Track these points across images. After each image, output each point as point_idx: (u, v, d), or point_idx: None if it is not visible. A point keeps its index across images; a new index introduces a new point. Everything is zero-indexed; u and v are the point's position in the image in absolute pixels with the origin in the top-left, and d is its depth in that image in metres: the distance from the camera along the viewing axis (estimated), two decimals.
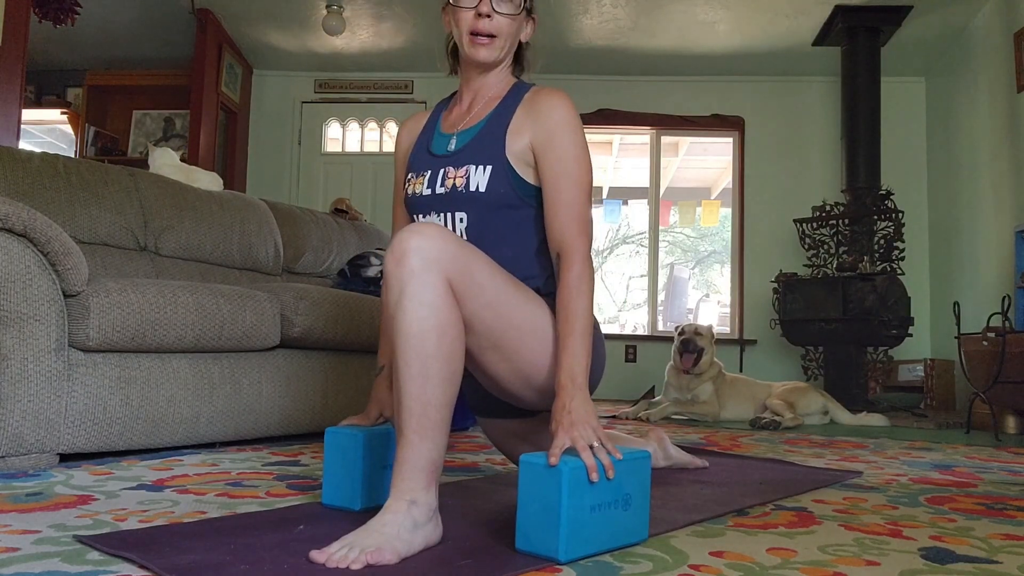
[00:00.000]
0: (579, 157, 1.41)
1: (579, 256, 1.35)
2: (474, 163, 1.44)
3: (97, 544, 1.14)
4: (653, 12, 5.19)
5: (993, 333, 3.42)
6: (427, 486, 1.19)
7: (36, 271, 1.84)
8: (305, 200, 6.05)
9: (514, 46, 1.49)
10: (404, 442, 1.19)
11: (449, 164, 1.47)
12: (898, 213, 4.93)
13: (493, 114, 1.48)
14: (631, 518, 1.22)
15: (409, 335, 1.18)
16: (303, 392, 2.55)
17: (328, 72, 6.30)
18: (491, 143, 1.45)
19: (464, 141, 1.48)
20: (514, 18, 1.44)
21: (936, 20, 5.17)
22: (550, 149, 1.40)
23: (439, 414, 1.20)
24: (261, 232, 3.32)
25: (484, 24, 1.41)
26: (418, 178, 1.51)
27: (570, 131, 1.41)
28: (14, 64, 3.86)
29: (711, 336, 4.10)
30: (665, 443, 2.01)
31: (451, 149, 1.49)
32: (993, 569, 1.15)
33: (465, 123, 1.50)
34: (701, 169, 8.30)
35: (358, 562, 1.06)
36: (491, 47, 1.43)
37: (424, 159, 1.53)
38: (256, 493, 1.62)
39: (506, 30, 1.43)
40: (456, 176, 1.45)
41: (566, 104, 1.43)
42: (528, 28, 1.52)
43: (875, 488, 1.87)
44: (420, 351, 1.18)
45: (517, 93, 1.49)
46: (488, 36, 1.42)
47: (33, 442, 1.83)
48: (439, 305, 1.20)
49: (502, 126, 1.45)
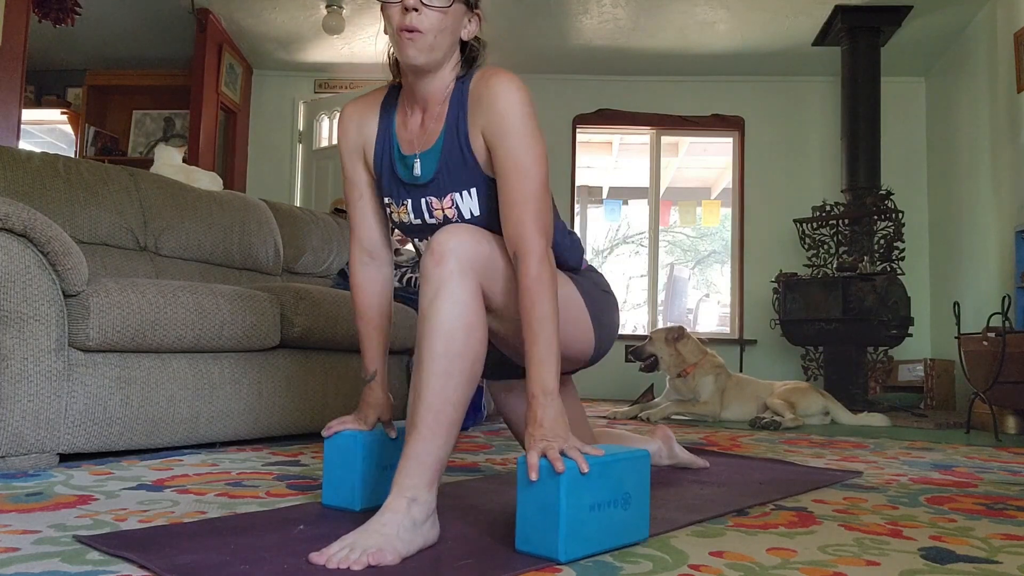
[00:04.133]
0: (530, 147, 1.30)
1: (535, 256, 1.25)
2: (456, 190, 1.38)
3: (97, 544, 1.14)
4: (653, 12, 5.19)
5: (993, 333, 3.42)
6: (430, 484, 1.19)
7: (36, 271, 1.84)
8: (305, 200, 6.05)
9: (451, 45, 1.35)
10: (416, 436, 1.19)
11: (429, 194, 1.40)
12: (898, 213, 4.93)
13: (446, 129, 1.38)
14: (631, 517, 1.22)
15: (440, 332, 1.20)
16: (303, 392, 2.55)
17: (328, 72, 6.30)
18: (462, 164, 1.37)
19: (431, 164, 1.39)
20: (445, 11, 1.30)
21: (936, 20, 5.17)
22: (499, 142, 1.31)
23: (456, 413, 1.21)
24: (261, 232, 3.32)
25: (411, 19, 1.28)
26: (400, 207, 1.45)
27: (518, 119, 1.30)
28: (14, 64, 3.86)
29: (665, 338, 4.11)
30: (671, 441, 2.01)
31: (418, 175, 1.40)
32: (993, 569, 1.15)
33: (424, 141, 1.40)
34: (701, 169, 8.31)
35: (359, 563, 1.06)
36: (420, 43, 1.29)
37: (396, 186, 1.45)
38: (256, 493, 1.62)
39: (436, 25, 1.30)
40: (444, 207, 1.40)
41: (510, 88, 1.31)
42: (472, 25, 1.38)
43: (875, 488, 1.87)
44: (448, 348, 1.20)
45: (460, 92, 1.38)
46: (419, 32, 1.29)
47: (33, 442, 1.83)
48: (472, 307, 1.23)
49: (463, 139, 1.36)
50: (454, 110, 1.38)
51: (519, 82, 1.34)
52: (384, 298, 1.54)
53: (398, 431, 1.52)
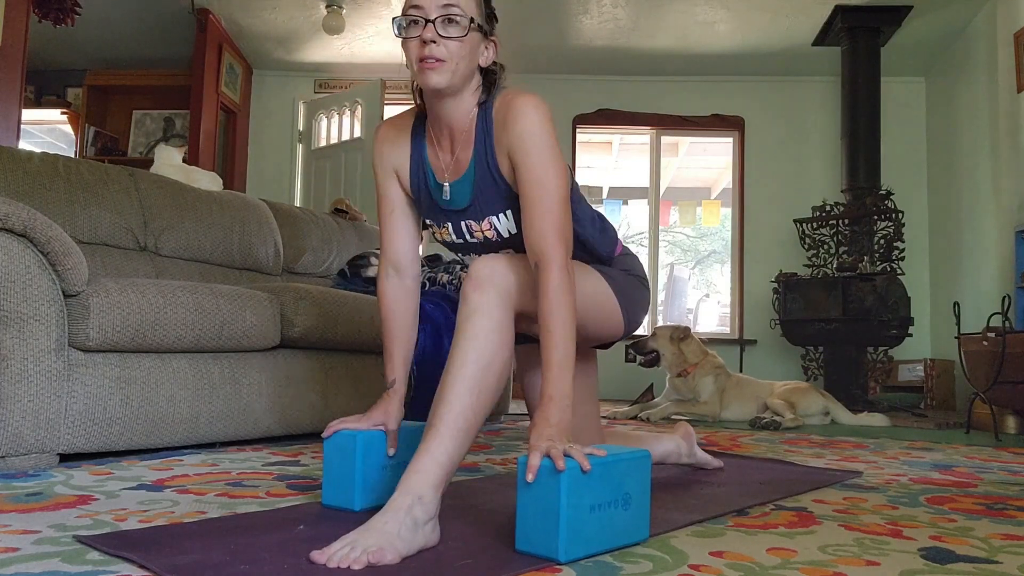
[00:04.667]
0: (549, 163, 1.37)
1: (556, 265, 1.31)
2: (492, 214, 1.47)
3: (97, 544, 1.14)
4: (653, 12, 5.20)
5: (993, 333, 3.42)
6: (437, 485, 1.20)
7: (36, 271, 1.84)
8: (305, 200, 6.05)
9: (470, 71, 1.41)
10: (434, 435, 1.22)
11: (468, 218, 1.50)
12: (898, 213, 4.93)
13: (475, 157, 1.44)
14: (631, 518, 1.22)
15: (474, 342, 1.28)
16: (303, 392, 2.55)
17: (328, 72, 6.30)
18: (495, 188, 1.44)
19: (465, 192, 1.47)
20: (462, 41, 1.36)
21: (936, 20, 5.17)
22: (520, 160, 1.37)
23: (475, 420, 1.26)
24: (261, 232, 3.32)
25: (430, 49, 1.35)
26: (441, 228, 1.55)
27: (537, 137, 1.37)
28: (14, 64, 3.86)
29: (670, 336, 4.10)
30: (691, 439, 2.01)
31: (454, 203, 1.49)
32: (993, 569, 1.15)
33: (454, 171, 1.47)
34: (701, 169, 8.31)
35: (359, 562, 1.07)
36: (440, 70, 1.35)
37: (436, 212, 1.53)
38: (256, 493, 1.62)
39: (456, 53, 1.36)
40: (483, 230, 1.50)
41: (530, 109, 1.38)
42: (488, 52, 1.44)
43: (875, 488, 1.87)
44: (480, 357, 1.27)
45: (484, 118, 1.44)
46: (438, 59, 1.35)
47: (33, 442, 1.83)
48: (504, 329, 1.31)
49: (492, 165, 1.43)
50: (480, 137, 1.44)
51: (538, 101, 1.40)
52: (408, 310, 1.58)
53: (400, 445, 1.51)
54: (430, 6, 1.35)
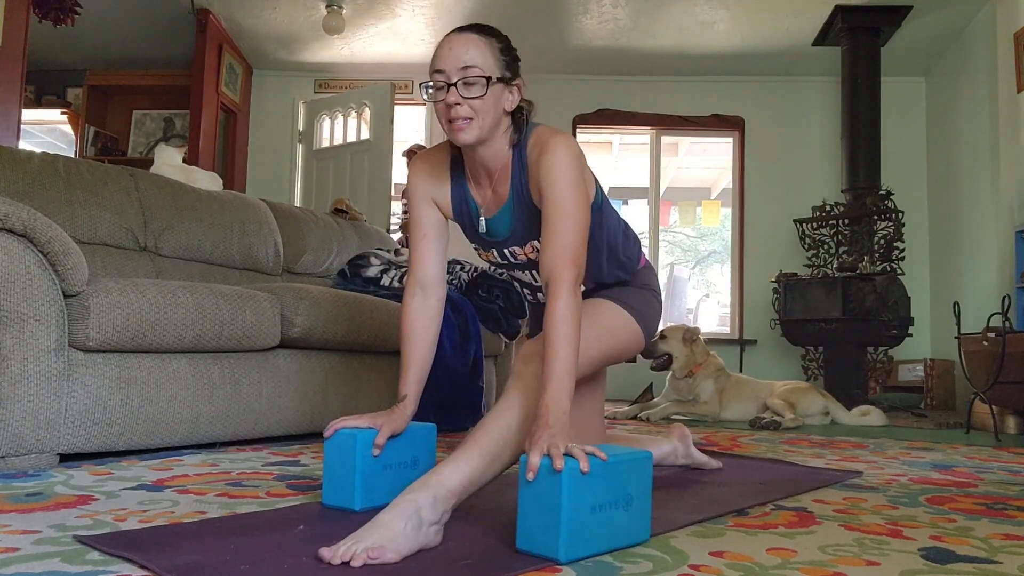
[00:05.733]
0: (571, 194, 1.44)
1: (565, 285, 1.38)
2: (534, 238, 1.57)
3: (97, 544, 1.14)
4: (653, 12, 5.20)
5: (993, 333, 3.42)
6: (453, 492, 1.23)
7: (36, 271, 1.84)
8: (305, 200, 6.04)
9: (497, 120, 1.48)
10: (464, 447, 1.30)
11: (512, 245, 1.61)
12: (898, 213, 4.93)
13: (513, 193, 1.55)
14: (632, 518, 1.22)
15: (522, 396, 1.36)
16: (303, 392, 2.55)
17: (328, 72, 6.30)
18: (533, 219, 1.54)
19: (505, 223, 1.58)
20: (483, 99, 1.44)
21: (936, 20, 5.17)
22: (546, 190, 1.45)
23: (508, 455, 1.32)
24: (261, 232, 3.32)
25: (456, 111, 1.43)
26: (487, 252, 1.68)
27: (563, 172, 1.45)
28: (14, 64, 3.86)
29: (683, 337, 4.07)
30: (687, 440, 2.04)
31: (497, 233, 1.60)
32: (993, 569, 1.15)
33: (494, 204, 1.58)
34: (701, 169, 8.31)
35: (358, 559, 1.07)
36: (469, 129, 1.45)
37: (481, 240, 1.65)
38: (256, 493, 1.62)
39: (480, 109, 1.44)
40: (527, 252, 1.62)
41: (562, 147, 1.46)
42: (512, 96, 1.50)
43: (875, 488, 1.87)
44: (525, 409, 1.34)
45: (519, 158, 1.53)
46: (465, 119, 1.44)
47: (33, 442, 1.83)
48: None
49: (527, 201, 1.53)
50: (516, 175, 1.54)
51: (567, 142, 1.48)
52: (428, 330, 1.63)
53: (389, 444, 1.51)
54: (451, 70, 1.43)
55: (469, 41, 1.45)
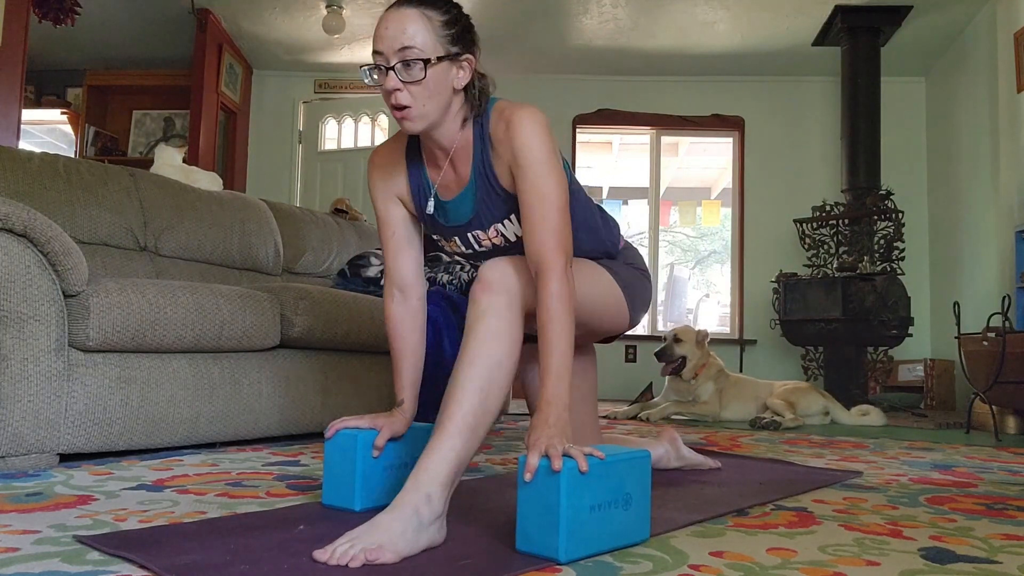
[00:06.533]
0: (549, 174, 1.38)
1: (556, 274, 1.32)
2: (497, 221, 1.50)
3: (97, 544, 1.14)
4: (653, 12, 5.19)
5: (993, 333, 3.42)
6: (445, 483, 1.21)
7: (36, 271, 1.84)
8: (305, 200, 6.04)
9: (443, 104, 1.39)
10: (443, 433, 1.23)
11: (474, 229, 1.52)
12: (898, 213, 4.93)
13: (475, 171, 1.46)
14: (631, 518, 1.22)
15: (483, 342, 1.30)
16: (303, 392, 2.55)
17: (328, 72, 6.30)
18: (497, 200, 1.47)
19: (468, 207, 1.50)
20: (422, 83, 1.34)
21: (936, 20, 5.17)
22: (520, 172, 1.39)
23: (483, 419, 1.27)
24: (261, 232, 3.32)
25: (396, 98, 1.35)
26: (449, 242, 1.58)
27: (536, 150, 1.37)
28: (14, 64, 3.86)
29: (697, 339, 4.06)
30: (677, 443, 2.02)
31: (455, 217, 1.52)
32: (993, 569, 1.15)
33: (455, 186, 1.50)
34: (701, 169, 8.31)
35: (356, 560, 1.07)
36: (411, 118, 1.36)
37: (442, 228, 1.56)
38: (256, 493, 1.62)
39: (420, 95, 1.35)
40: (491, 237, 1.53)
41: (527, 122, 1.38)
42: (463, 72, 1.40)
43: (875, 488, 1.87)
44: (488, 359, 1.29)
45: (481, 133, 1.45)
46: (407, 107, 1.35)
47: (33, 442, 1.83)
48: (513, 332, 1.33)
49: (492, 179, 1.45)
50: (478, 152, 1.46)
51: (534, 114, 1.40)
52: (414, 330, 1.60)
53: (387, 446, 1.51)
54: (388, 51, 1.33)
55: (406, 18, 1.33)
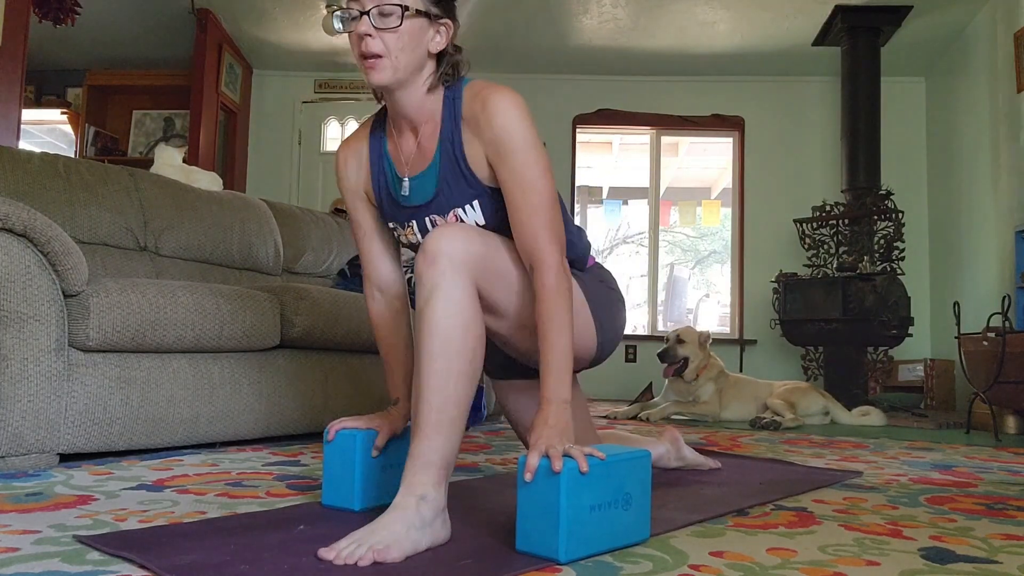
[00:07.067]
0: (535, 162, 1.32)
1: (552, 267, 1.28)
2: (458, 205, 1.39)
3: (97, 544, 1.14)
4: (653, 12, 5.19)
5: (993, 333, 3.42)
6: (438, 482, 1.20)
7: (36, 271, 1.84)
8: (305, 200, 6.04)
9: (416, 62, 1.33)
10: (420, 436, 1.21)
11: (432, 212, 1.42)
12: (898, 213, 4.93)
13: (441, 146, 1.38)
14: (632, 518, 1.22)
15: (437, 331, 1.21)
16: (303, 392, 2.55)
17: (328, 72, 6.30)
18: (461, 181, 1.38)
19: (430, 185, 1.40)
20: (397, 31, 1.29)
21: (936, 20, 5.16)
22: (503, 160, 1.32)
23: (456, 411, 1.23)
24: (261, 232, 3.32)
25: (366, 44, 1.29)
26: (406, 228, 1.47)
27: (518, 135, 1.31)
28: (14, 64, 3.86)
29: (699, 341, 4.05)
30: (679, 443, 2.00)
31: (415, 196, 1.42)
32: (993, 569, 1.15)
33: (418, 163, 1.41)
34: (701, 169, 8.30)
35: (366, 559, 1.07)
36: (380, 68, 1.30)
37: (399, 211, 1.46)
38: (256, 493, 1.62)
39: (394, 45, 1.29)
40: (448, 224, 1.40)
41: (505, 106, 1.32)
42: (440, 37, 1.36)
43: (875, 488, 1.87)
44: (446, 347, 1.21)
45: (452, 107, 1.37)
46: (376, 56, 1.29)
47: (33, 442, 1.83)
48: (466, 304, 1.24)
49: (459, 156, 1.37)
50: (447, 127, 1.38)
51: (514, 95, 1.34)
52: (399, 328, 1.57)
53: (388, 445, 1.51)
54: None
55: None
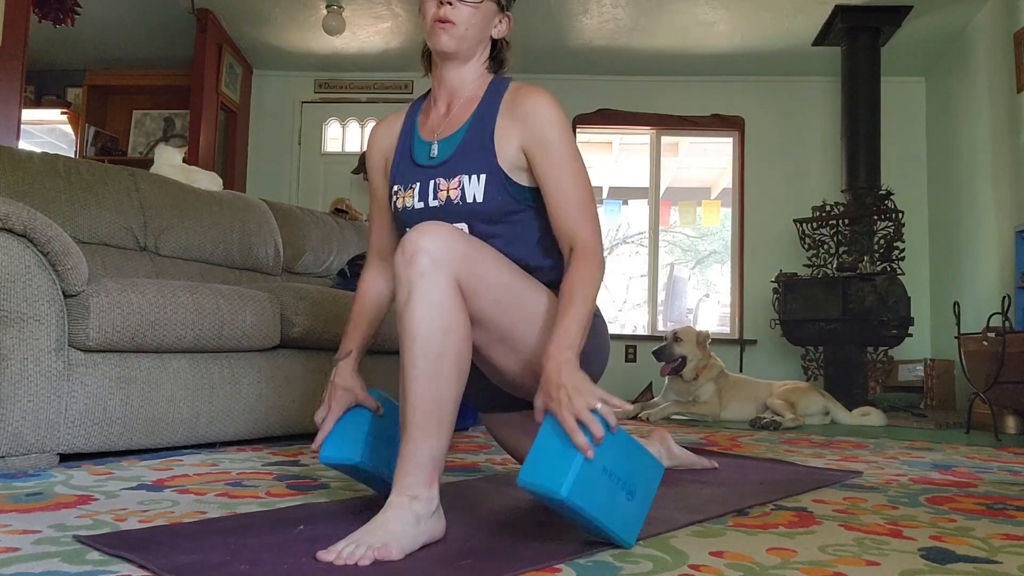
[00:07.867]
0: (574, 155, 1.41)
1: (593, 249, 1.34)
2: (466, 173, 1.41)
3: (97, 544, 1.14)
4: (653, 12, 5.19)
5: (993, 333, 3.42)
6: (429, 483, 1.20)
7: (36, 271, 1.84)
8: (305, 200, 6.04)
9: (482, 40, 1.47)
10: (408, 439, 1.21)
11: (439, 175, 1.44)
12: (898, 213, 4.93)
13: (474, 117, 1.45)
14: (628, 512, 1.21)
15: (417, 334, 1.20)
16: (303, 392, 2.55)
17: (328, 72, 6.30)
18: (480, 150, 1.41)
19: (449, 148, 1.44)
20: (477, 7, 1.42)
21: (936, 20, 5.16)
22: (545, 153, 1.39)
23: (443, 411, 1.22)
24: (261, 232, 3.32)
25: (445, 11, 1.40)
26: (407, 191, 1.48)
27: (561, 131, 1.40)
28: (14, 64, 3.86)
29: (697, 340, 4.05)
30: (668, 443, 2.00)
31: (435, 157, 1.45)
32: (993, 569, 1.15)
33: (446, 128, 1.47)
34: (701, 169, 8.30)
35: (366, 559, 1.08)
36: (452, 33, 1.41)
37: (409, 170, 1.49)
38: (256, 493, 1.62)
39: (468, 18, 1.42)
40: (449, 188, 1.42)
41: (550, 103, 1.41)
42: (502, 25, 1.51)
43: (875, 488, 1.87)
44: (428, 350, 1.20)
45: (496, 91, 1.47)
46: (451, 22, 1.41)
47: (33, 442, 1.83)
48: (447, 305, 1.22)
49: (487, 130, 1.42)
50: (484, 107, 1.45)
51: (555, 98, 1.43)
52: (383, 293, 1.59)
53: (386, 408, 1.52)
54: None
55: None
